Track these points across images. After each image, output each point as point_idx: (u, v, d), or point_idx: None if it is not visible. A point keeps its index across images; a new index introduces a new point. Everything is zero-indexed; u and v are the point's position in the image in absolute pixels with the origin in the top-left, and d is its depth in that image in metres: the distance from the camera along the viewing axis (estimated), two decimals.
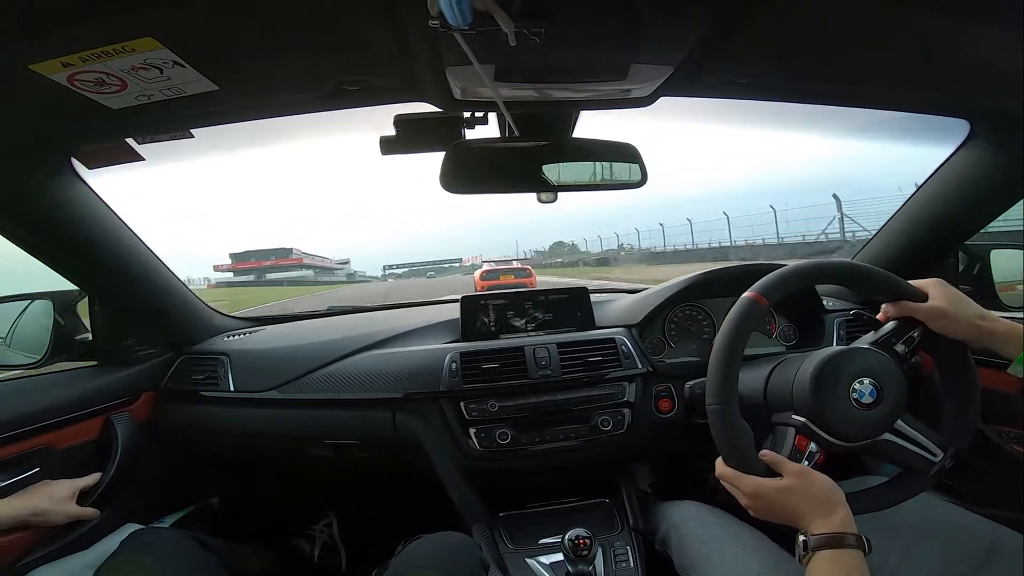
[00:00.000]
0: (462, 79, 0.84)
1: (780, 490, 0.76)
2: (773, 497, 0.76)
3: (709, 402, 0.83)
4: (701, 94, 1.00)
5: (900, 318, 0.88)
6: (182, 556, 1.02)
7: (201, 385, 1.41)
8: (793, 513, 0.75)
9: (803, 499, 0.74)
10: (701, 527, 1.09)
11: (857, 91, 1.03)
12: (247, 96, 0.88)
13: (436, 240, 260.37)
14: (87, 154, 1.03)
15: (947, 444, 0.84)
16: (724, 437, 0.81)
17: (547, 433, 1.30)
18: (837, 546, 0.68)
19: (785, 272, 0.88)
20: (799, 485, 0.75)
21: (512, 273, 14.60)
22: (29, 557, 1.06)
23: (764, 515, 0.79)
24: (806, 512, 0.73)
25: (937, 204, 1.30)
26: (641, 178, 1.12)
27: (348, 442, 1.36)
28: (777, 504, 0.76)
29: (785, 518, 0.76)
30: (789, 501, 0.75)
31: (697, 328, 1.53)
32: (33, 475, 1.11)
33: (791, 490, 0.75)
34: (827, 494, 0.74)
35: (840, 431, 0.81)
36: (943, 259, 1.38)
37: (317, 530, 1.68)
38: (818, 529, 0.70)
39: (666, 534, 1.16)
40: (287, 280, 59.30)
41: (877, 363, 0.84)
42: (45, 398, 1.18)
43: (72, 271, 1.24)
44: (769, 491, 0.76)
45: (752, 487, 0.78)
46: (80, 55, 0.64)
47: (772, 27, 0.76)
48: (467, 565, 1.00)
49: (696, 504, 1.19)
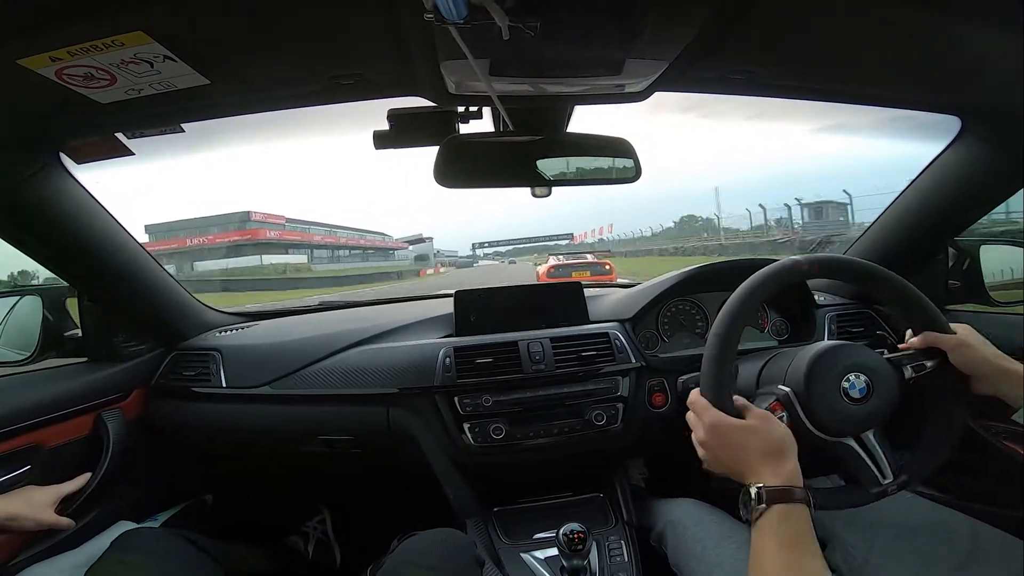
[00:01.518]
0: (456, 73, 0.84)
1: (740, 428, 0.75)
2: (730, 435, 0.76)
3: (714, 331, 0.82)
4: (696, 89, 1.00)
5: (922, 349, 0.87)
6: (173, 556, 1.01)
7: (193, 381, 1.40)
8: (744, 459, 0.74)
9: (759, 442, 0.74)
10: (697, 525, 1.10)
11: (850, 88, 1.03)
12: (239, 91, 0.87)
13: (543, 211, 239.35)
14: (75, 149, 1.02)
15: (904, 471, 0.84)
16: (712, 365, 0.81)
17: (541, 428, 1.30)
18: (788, 500, 0.68)
19: (844, 260, 0.89)
20: (760, 427, 0.75)
21: (587, 269, 11.72)
22: (21, 556, 1.06)
23: (713, 459, 0.78)
24: (758, 457, 0.73)
25: (928, 200, 1.31)
26: (635, 173, 1.12)
27: (342, 438, 1.35)
28: (732, 444, 0.76)
29: (733, 465, 0.75)
30: (746, 442, 0.74)
31: (690, 322, 1.54)
32: (23, 473, 1.10)
33: (751, 430, 0.75)
34: (783, 442, 0.74)
35: (819, 418, 0.81)
36: (933, 254, 1.39)
37: (311, 527, 1.68)
38: (770, 480, 0.69)
39: (662, 531, 1.17)
40: (292, 272, 34.23)
41: (876, 363, 0.84)
42: (34, 395, 1.16)
43: (61, 267, 1.23)
44: (729, 427, 0.76)
45: (714, 419, 0.77)
46: (69, 49, 0.63)
47: (767, 23, 0.77)
48: (462, 561, 1.00)
49: (692, 502, 1.20)
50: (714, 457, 0.78)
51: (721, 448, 0.77)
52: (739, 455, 0.75)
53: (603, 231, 68.67)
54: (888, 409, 0.83)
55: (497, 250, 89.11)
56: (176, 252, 37.16)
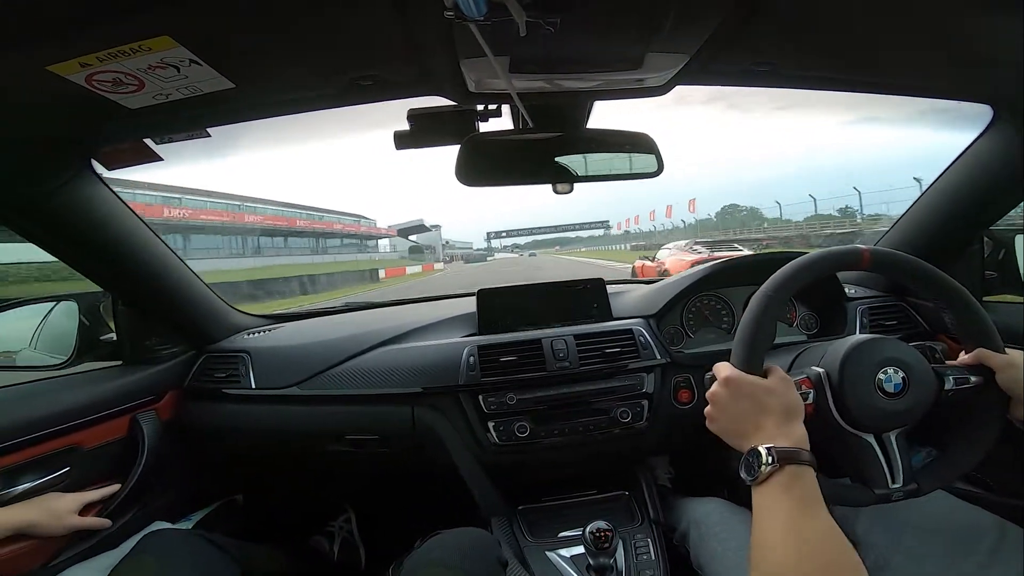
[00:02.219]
0: (476, 71, 0.84)
1: (758, 385, 0.73)
2: (746, 390, 0.74)
3: (762, 290, 0.81)
4: (718, 82, 0.99)
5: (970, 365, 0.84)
6: (188, 557, 1.03)
7: (223, 383, 1.43)
8: (754, 417, 0.72)
9: (776, 401, 0.72)
10: (720, 525, 1.08)
11: (877, 77, 1.01)
12: (262, 93, 0.89)
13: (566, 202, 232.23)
14: (106, 155, 1.04)
15: (915, 480, 0.80)
16: (752, 322, 0.79)
17: (565, 425, 1.29)
18: (799, 461, 0.66)
19: (907, 261, 0.85)
20: (778, 387, 0.73)
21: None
22: (61, 557, 1.09)
23: (721, 415, 0.76)
24: (771, 417, 0.71)
25: (961, 190, 1.28)
26: (657, 168, 1.11)
27: (368, 437, 1.37)
28: (746, 400, 0.73)
29: (740, 423, 0.74)
30: (763, 399, 0.72)
31: (716, 318, 1.52)
32: (64, 474, 1.14)
33: (768, 389, 0.73)
34: (798, 406, 0.73)
35: (848, 407, 0.79)
36: (968, 245, 1.35)
37: (336, 526, 1.69)
38: (781, 441, 0.68)
39: (686, 530, 1.16)
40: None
41: (916, 362, 0.81)
42: (72, 398, 1.20)
43: (95, 272, 1.26)
44: (748, 382, 0.74)
45: (733, 373, 0.76)
46: (97, 55, 0.65)
47: (790, 13, 0.75)
48: (485, 561, 1.00)
49: (719, 501, 1.18)
50: (723, 413, 0.76)
51: (732, 402, 0.75)
52: (750, 412, 0.73)
53: (651, 216, 63.27)
54: (919, 411, 0.79)
55: (516, 241, 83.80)
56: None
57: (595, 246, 74.21)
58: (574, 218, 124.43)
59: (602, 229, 78.70)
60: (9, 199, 1.01)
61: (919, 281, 0.86)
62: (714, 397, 0.77)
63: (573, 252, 65.89)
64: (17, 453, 1.07)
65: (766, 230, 31.67)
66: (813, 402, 0.80)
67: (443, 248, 71.87)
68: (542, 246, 70.04)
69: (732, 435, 0.75)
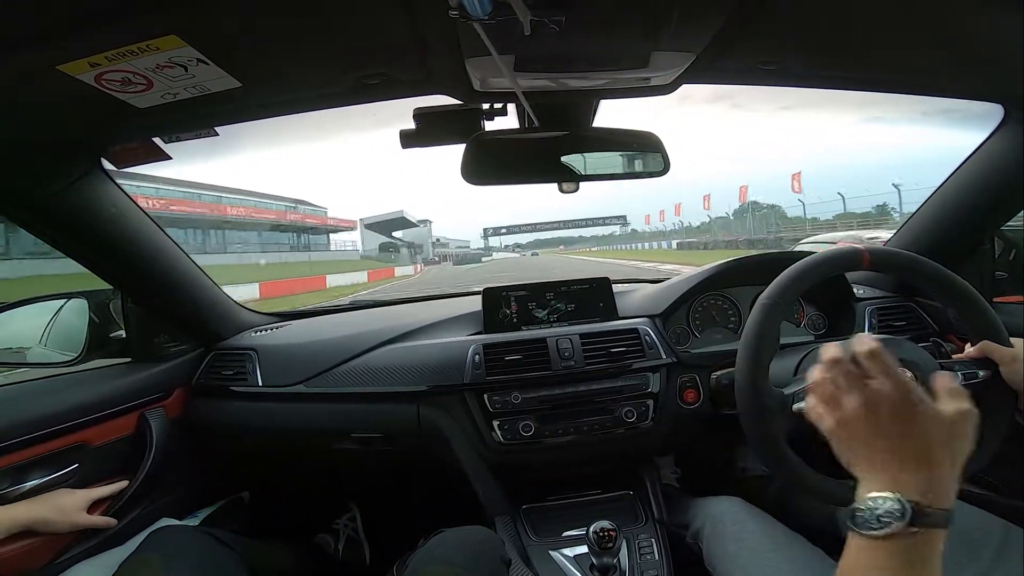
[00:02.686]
0: (481, 70, 0.84)
1: (942, 417, 0.54)
2: (919, 412, 0.53)
3: (763, 298, 0.80)
4: (725, 81, 0.99)
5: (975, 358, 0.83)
6: (193, 553, 1.03)
7: (231, 380, 1.44)
8: (921, 451, 0.52)
9: (951, 438, 0.53)
10: (736, 524, 1.08)
11: (886, 75, 1.00)
12: (269, 92, 0.89)
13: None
14: (116, 154, 1.05)
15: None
16: (755, 332, 0.78)
17: (570, 425, 1.29)
18: (943, 525, 0.51)
19: (908, 259, 0.85)
20: (961, 419, 0.54)
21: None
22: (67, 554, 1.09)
23: (867, 435, 0.55)
24: (931, 453, 0.52)
25: (971, 189, 1.27)
26: (663, 167, 1.11)
27: (373, 435, 1.37)
28: (910, 423, 0.53)
29: (888, 451, 0.53)
30: (934, 432, 0.53)
31: (722, 317, 1.51)
32: (72, 471, 1.15)
33: (947, 423, 0.53)
34: (968, 450, 0.55)
35: None
36: (978, 245, 1.34)
37: (341, 524, 1.70)
38: (936, 502, 0.50)
39: (700, 528, 1.15)
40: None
41: (922, 359, 0.80)
42: (82, 395, 1.21)
43: (104, 270, 1.27)
44: (927, 407, 0.53)
45: (911, 387, 0.54)
46: (106, 54, 0.65)
47: (797, 11, 0.75)
48: (488, 559, 1.00)
49: (735, 499, 1.17)
50: (873, 432, 0.55)
51: (895, 424, 0.53)
52: (917, 442, 0.53)
53: (677, 211, 58.90)
54: None
55: (517, 240, 77.42)
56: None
57: (609, 245, 71.13)
58: (578, 215, 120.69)
59: (618, 225, 74.75)
60: (20, 198, 1.03)
61: (921, 278, 0.86)
62: (875, 397, 0.55)
63: (585, 252, 60.13)
64: (27, 450, 1.08)
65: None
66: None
67: (433, 246, 62.80)
68: (545, 245, 65.83)
69: (867, 466, 0.55)
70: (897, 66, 0.96)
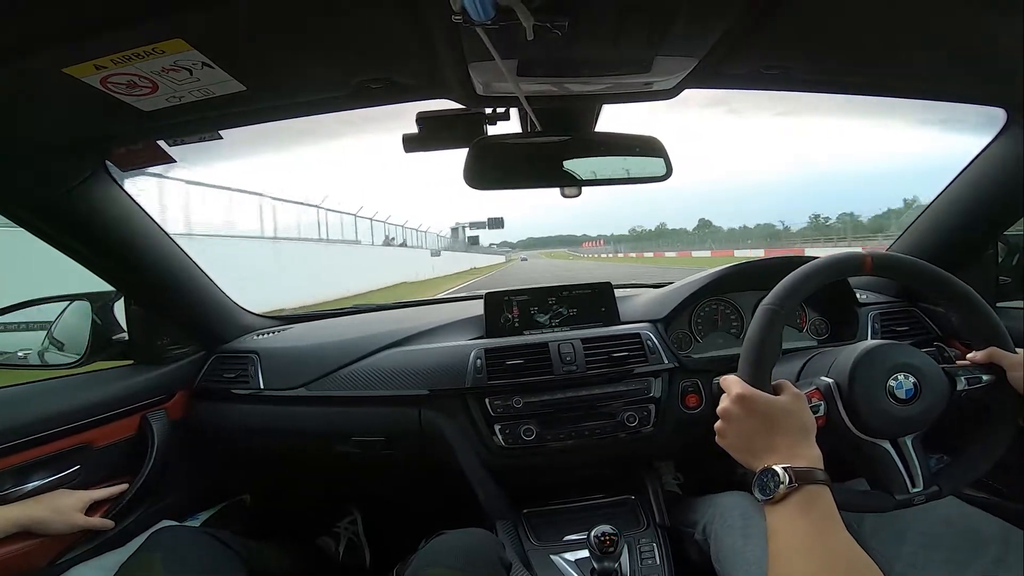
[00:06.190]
0: (484, 75, 0.84)
1: (772, 403, 0.72)
2: (759, 408, 0.72)
3: (766, 303, 0.79)
4: (727, 86, 0.98)
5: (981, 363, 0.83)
6: (195, 553, 1.03)
7: (232, 383, 1.44)
8: (768, 437, 0.70)
9: (790, 421, 0.71)
10: (743, 519, 1.07)
11: (888, 80, 1.00)
12: (273, 96, 0.90)
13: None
14: (120, 156, 1.05)
15: (936, 482, 0.79)
16: (757, 337, 0.77)
17: (572, 429, 1.29)
18: (815, 481, 0.65)
19: (911, 263, 0.85)
20: (794, 407, 0.72)
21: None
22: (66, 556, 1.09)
23: (731, 433, 0.74)
24: (786, 437, 0.69)
25: (975, 194, 1.26)
26: (666, 172, 1.11)
27: (374, 439, 1.37)
28: (757, 418, 0.71)
29: (753, 442, 0.72)
30: (777, 419, 0.71)
31: (725, 322, 1.51)
32: (74, 472, 1.15)
33: (784, 408, 0.71)
34: (811, 423, 0.72)
35: (860, 415, 0.78)
36: (982, 250, 1.34)
37: (342, 527, 1.70)
38: (797, 461, 0.66)
39: (708, 522, 1.15)
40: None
41: (927, 366, 0.80)
42: (84, 397, 1.21)
43: (108, 272, 1.27)
44: (761, 401, 0.72)
45: (746, 391, 0.73)
46: (112, 57, 0.66)
47: (801, 15, 0.75)
48: (488, 562, 1.00)
49: (742, 494, 1.17)
50: (734, 431, 0.74)
51: (744, 419, 0.73)
52: (762, 431, 0.71)
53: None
54: (932, 415, 0.79)
55: (507, 239, 70.82)
56: None
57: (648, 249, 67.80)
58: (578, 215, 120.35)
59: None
60: (25, 199, 1.03)
61: (924, 282, 0.85)
62: (725, 413, 0.75)
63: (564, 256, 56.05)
64: (29, 451, 1.08)
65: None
66: (825, 414, 0.79)
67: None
68: (542, 245, 61.44)
69: (743, 452, 0.73)
70: (900, 71, 0.95)
